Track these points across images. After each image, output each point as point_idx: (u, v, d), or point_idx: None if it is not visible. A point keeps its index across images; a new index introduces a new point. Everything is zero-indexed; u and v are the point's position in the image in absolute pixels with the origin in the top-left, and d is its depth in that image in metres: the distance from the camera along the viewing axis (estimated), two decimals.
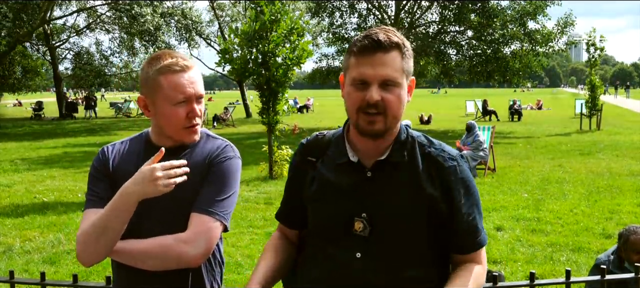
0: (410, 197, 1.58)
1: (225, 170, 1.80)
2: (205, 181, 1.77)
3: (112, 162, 1.85)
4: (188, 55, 41.74)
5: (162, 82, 1.74)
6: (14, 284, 2.30)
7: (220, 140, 1.89)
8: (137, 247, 1.71)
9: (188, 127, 1.78)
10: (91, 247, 1.69)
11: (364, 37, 1.54)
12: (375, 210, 1.57)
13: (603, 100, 21.79)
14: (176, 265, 1.71)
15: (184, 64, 1.75)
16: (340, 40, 25.82)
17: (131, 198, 1.65)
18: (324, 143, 1.71)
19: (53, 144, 17.90)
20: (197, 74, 1.80)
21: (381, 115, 1.53)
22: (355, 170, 1.61)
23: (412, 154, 1.63)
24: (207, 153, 1.82)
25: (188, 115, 1.76)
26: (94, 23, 32.73)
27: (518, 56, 23.36)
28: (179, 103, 1.74)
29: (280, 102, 10.38)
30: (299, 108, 36.07)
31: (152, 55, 1.82)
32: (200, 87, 1.79)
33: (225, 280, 5.18)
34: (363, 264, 1.55)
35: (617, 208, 7.79)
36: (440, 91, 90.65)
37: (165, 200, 1.75)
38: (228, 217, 1.78)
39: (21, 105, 47.66)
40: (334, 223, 1.60)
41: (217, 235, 1.75)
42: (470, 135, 11.15)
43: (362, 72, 1.52)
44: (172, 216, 1.75)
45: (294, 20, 10.12)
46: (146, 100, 1.81)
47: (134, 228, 1.73)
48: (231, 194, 1.80)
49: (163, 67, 1.75)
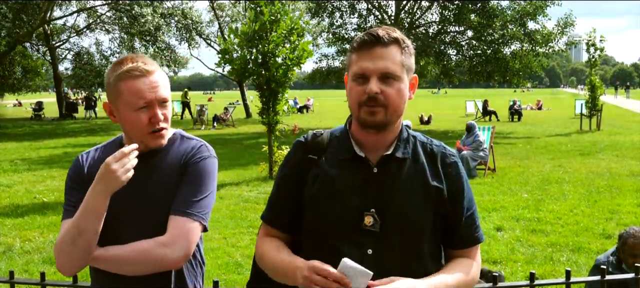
0: (417, 191, 1.62)
1: (201, 170, 1.79)
2: (181, 182, 1.76)
3: (87, 170, 1.83)
4: (188, 55, 41.80)
5: (122, 88, 1.72)
6: (14, 284, 2.30)
7: (195, 140, 1.88)
8: (117, 253, 1.70)
9: (153, 132, 1.76)
10: (69, 253, 1.67)
11: (364, 34, 1.59)
12: (384, 205, 1.59)
13: (603, 101, 21.78)
14: (157, 268, 1.71)
15: (144, 68, 1.72)
16: (340, 41, 25.81)
17: (99, 197, 1.65)
18: (324, 141, 1.71)
19: (53, 144, 17.89)
20: (161, 77, 1.76)
21: (381, 107, 1.56)
22: (361, 166, 1.63)
23: (415, 150, 1.67)
24: (182, 154, 1.81)
25: (150, 120, 1.74)
26: (94, 23, 32.72)
27: (518, 56, 23.35)
28: (140, 108, 1.72)
29: (280, 102, 10.38)
30: (299, 108, 36.06)
31: (115, 61, 1.80)
32: (164, 91, 1.75)
33: (226, 280, 5.18)
34: (375, 259, 1.56)
35: (617, 208, 7.79)
36: (440, 91, 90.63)
37: (142, 204, 1.75)
38: (206, 217, 1.77)
39: (21, 106, 47.66)
40: (342, 220, 1.59)
41: (197, 236, 1.75)
42: (470, 136, 11.16)
43: (362, 66, 1.56)
44: (150, 220, 1.74)
45: (293, 20, 10.12)
46: (111, 106, 1.79)
47: (112, 235, 1.72)
48: (208, 194, 1.79)
49: (122, 73, 1.72)
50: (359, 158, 1.63)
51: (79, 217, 1.66)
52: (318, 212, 1.64)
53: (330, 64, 27.24)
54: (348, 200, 1.60)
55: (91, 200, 1.66)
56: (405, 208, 1.60)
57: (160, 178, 1.78)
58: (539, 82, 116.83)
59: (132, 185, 1.72)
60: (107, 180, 1.64)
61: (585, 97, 21.54)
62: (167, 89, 1.79)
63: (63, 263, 1.70)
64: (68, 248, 1.67)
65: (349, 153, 1.64)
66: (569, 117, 26.84)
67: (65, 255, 1.68)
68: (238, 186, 9.91)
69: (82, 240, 1.66)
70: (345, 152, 1.65)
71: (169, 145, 1.84)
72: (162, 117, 1.76)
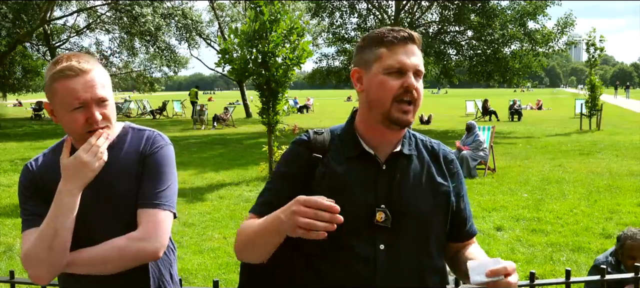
0: (425, 187, 1.65)
1: (160, 160, 1.79)
2: (143, 176, 1.76)
3: (40, 176, 1.80)
4: (188, 54, 41.73)
5: (57, 88, 1.69)
6: (14, 284, 2.30)
7: (148, 130, 1.87)
8: (93, 254, 1.69)
9: (90, 132, 1.72)
10: (45, 259, 1.65)
11: (391, 30, 1.60)
12: (394, 201, 1.60)
13: (603, 100, 21.79)
14: (135, 263, 1.71)
15: (78, 67, 1.67)
16: (340, 41, 25.81)
17: (71, 194, 1.66)
18: (326, 139, 1.70)
19: (53, 144, 17.88)
20: (99, 76, 1.72)
21: (412, 105, 1.58)
22: (369, 163, 1.64)
23: (418, 148, 1.71)
24: (137, 147, 1.81)
25: (87, 120, 1.70)
26: (94, 23, 32.71)
27: (518, 56, 23.35)
28: (76, 109, 1.68)
29: (280, 102, 10.38)
30: (299, 108, 36.07)
31: (52, 60, 1.75)
32: (101, 90, 1.70)
33: (226, 280, 5.18)
34: (387, 255, 1.57)
35: (617, 208, 7.79)
36: (440, 91, 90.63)
37: (106, 201, 1.75)
38: (174, 204, 1.79)
39: (21, 105, 47.66)
40: (354, 217, 1.58)
41: (169, 225, 1.76)
42: (470, 135, 11.16)
43: (400, 60, 1.56)
44: (116, 214, 1.75)
45: (293, 20, 10.12)
46: (50, 106, 1.75)
47: (83, 239, 1.71)
48: (171, 183, 1.80)
49: (56, 73, 1.68)
50: (367, 155, 1.64)
51: (54, 218, 1.65)
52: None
53: (330, 64, 27.24)
54: (359, 196, 1.60)
55: (65, 199, 1.66)
56: (414, 204, 1.62)
57: (120, 173, 1.76)
58: (539, 82, 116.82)
59: (94, 183, 1.71)
60: (81, 174, 1.65)
61: (585, 97, 21.54)
62: (107, 87, 1.74)
63: (38, 271, 1.67)
64: (44, 254, 1.64)
65: (357, 150, 1.64)
66: (569, 116, 26.85)
67: (41, 262, 1.65)
68: (238, 186, 9.91)
69: (58, 242, 1.65)
70: (352, 149, 1.65)
71: (122, 139, 1.83)
72: (100, 117, 1.71)
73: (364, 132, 1.66)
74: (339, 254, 1.57)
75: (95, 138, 1.68)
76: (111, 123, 1.76)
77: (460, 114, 31.36)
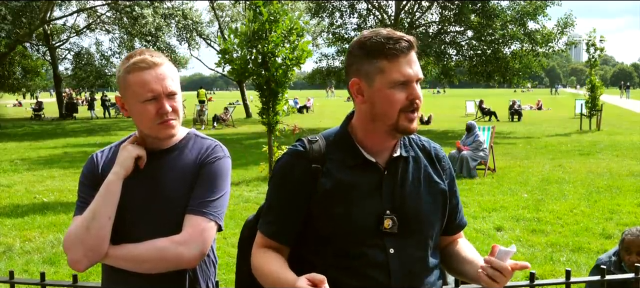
0: (424, 188, 1.68)
1: (216, 170, 1.81)
2: (196, 182, 1.78)
3: (102, 168, 1.84)
4: (188, 55, 41.71)
5: (130, 80, 1.74)
6: (14, 284, 2.30)
7: (209, 140, 1.89)
8: (133, 251, 1.71)
9: (160, 123, 1.76)
10: (82, 241, 1.69)
11: (389, 38, 1.54)
12: (399, 205, 1.62)
13: (603, 100, 21.79)
14: (173, 266, 1.72)
15: (152, 61, 1.74)
16: (340, 41, 25.77)
17: (116, 177, 1.74)
18: (322, 147, 1.67)
19: (53, 144, 17.89)
20: (169, 70, 1.78)
21: (416, 112, 1.60)
22: (371, 169, 1.64)
23: (413, 149, 1.72)
24: (197, 154, 1.83)
25: (158, 112, 1.74)
26: (94, 23, 32.73)
27: (518, 56, 23.35)
28: (147, 100, 1.73)
29: (280, 102, 10.37)
30: (299, 108, 36.05)
31: (125, 56, 1.83)
32: (171, 84, 1.77)
33: (226, 280, 5.18)
34: (398, 259, 1.59)
35: (617, 208, 7.79)
36: (440, 91, 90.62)
37: (158, 202, 1.76)
38: (221, 216, 1.79)
39: (21, 106, 47.66)
40: (362, 225, 1.59)
41: (212, 235, 1.76)
42: (470, 136, 11.16)
43: (405, 73, 1.55)
44: (165, 217, 1.75)
45: (293, 20, 10.11)
46: (121, 99, 1.82)
47: (128, 233, 1.73)
48: (223, 194, 1.81)
49: (130, 66, 1.74)
50: (368, 162, 1.64)
51: (95, 202, 1.72)
52: (335, 220, 1.60)
53: (330, 64, 27.22)
54: (364, 204, 1.60)
55: (107, 183, 1.73)
56: (417, 206, 1.65)
57: (176, 177, 1.79)
58: (539, 82, 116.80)
59: (148, 182, 1.75)
60: (121, 161, 1.74)
61: (585, 97, 21.55)
62: (176, 81, 1.80)
63: (75, 254, 1.71)
64: (82, 235, 1.69)
65: (358, 158, 1.64)
66: (569, 117, 26.85)
67: (79, 243, 1.70)
68: (238, 186, 9.91)
69: (96, 224, 1.69)
70: (353, 158, 1.64)
71: (184, 144, 1.85)
72: (170, 109, 1.76)
73: (362, 139, 1.65)
74: (353, 263, 1.58)
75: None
76: (179, 117, 1.81)
77: (460, 114, 31.36)
